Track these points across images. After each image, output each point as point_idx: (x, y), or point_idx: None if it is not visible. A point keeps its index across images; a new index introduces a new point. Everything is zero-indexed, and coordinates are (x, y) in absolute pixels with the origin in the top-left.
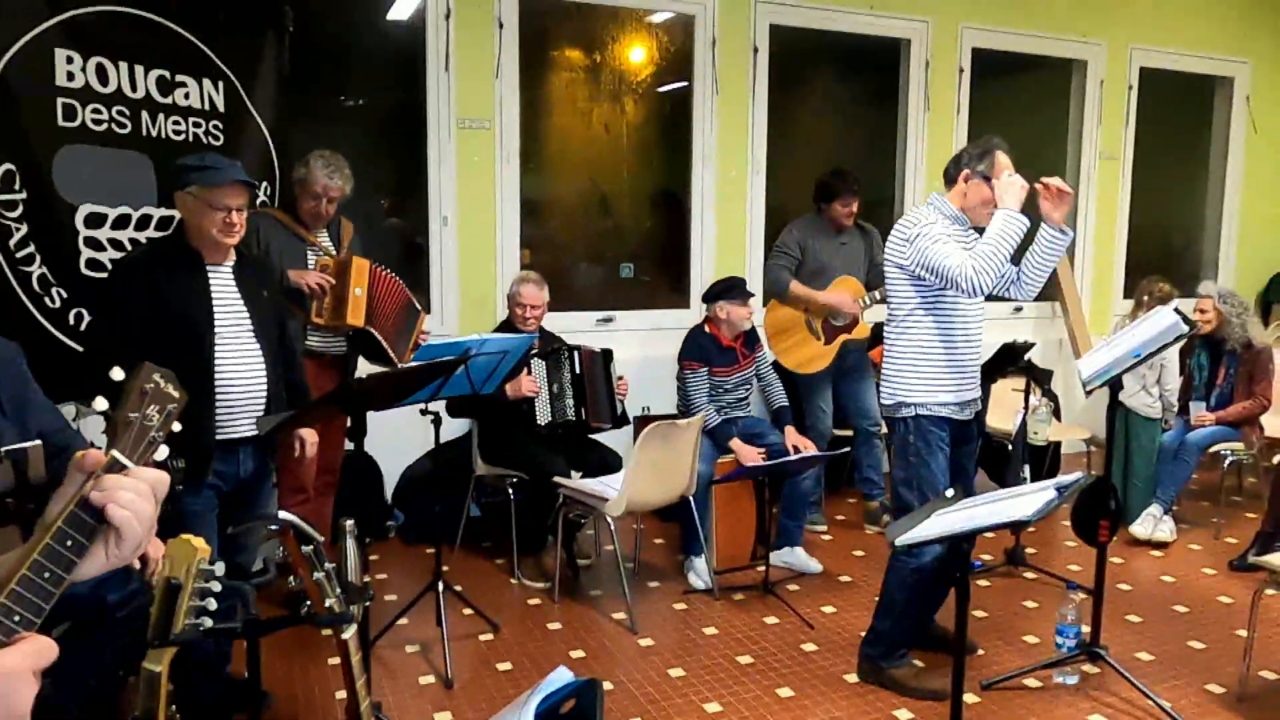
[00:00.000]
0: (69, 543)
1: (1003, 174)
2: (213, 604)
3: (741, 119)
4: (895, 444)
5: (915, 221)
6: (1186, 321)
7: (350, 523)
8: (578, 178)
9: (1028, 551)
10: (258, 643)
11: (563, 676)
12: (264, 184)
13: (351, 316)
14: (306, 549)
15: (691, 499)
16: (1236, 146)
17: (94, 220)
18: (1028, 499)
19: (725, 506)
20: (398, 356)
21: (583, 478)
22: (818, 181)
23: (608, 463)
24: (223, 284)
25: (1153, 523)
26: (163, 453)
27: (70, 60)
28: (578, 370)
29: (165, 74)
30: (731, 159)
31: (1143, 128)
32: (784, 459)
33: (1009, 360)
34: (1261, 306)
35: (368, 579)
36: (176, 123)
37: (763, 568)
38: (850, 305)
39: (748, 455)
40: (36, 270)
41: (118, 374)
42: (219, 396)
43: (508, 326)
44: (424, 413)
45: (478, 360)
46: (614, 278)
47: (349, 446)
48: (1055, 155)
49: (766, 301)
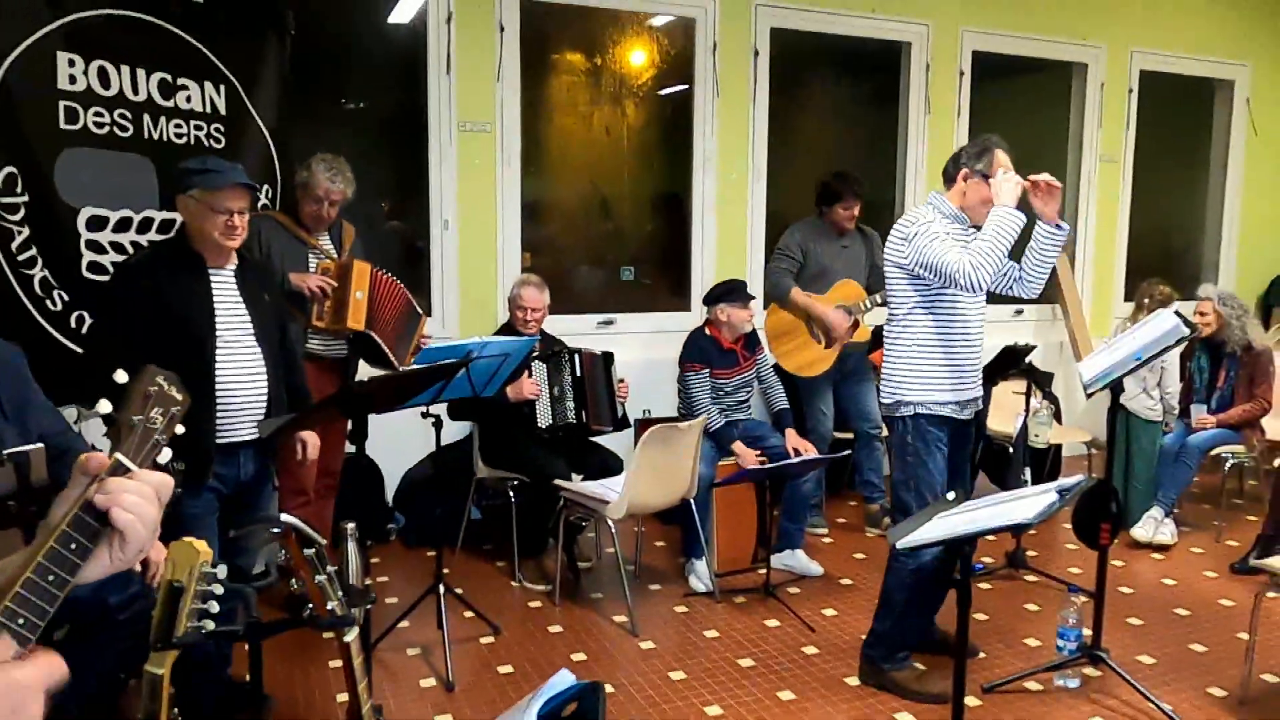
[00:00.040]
0: (73, 546)
1: (999, 172)
2: (215, 607)
3: (742, 122)
4: (894, 444)
5: (914, 220)
6: (1187, 324)
7: (351, 525)
8: (578, 181)
9: (1029, 554)
10: (259, 645)
11: (565, 680)
12: (265, 187)
13: (352, 320)
14: (308, 552)
15: (692, 501)
16: (1237, 149)
17: (96, 223)
18: (1029, 502)
19: (726, 509)
20: (398, 360)
21: (584, 480)
22: (820, 184)
23: (609, 465)
24: (224, 287)
25: (1154, 525)
26: (166, 455)
27: (72, 63)
28: (578, 373)
29: (167, 77)
30: (732, 162)
31: (1143, 130)
32: (785, 462)
33: (1010, 363)
34: (1262, 309)
35: (369, 582)
36: (178, 126)
37: (764, 570)
38: (843, 330)
39: (748, 459)
40: (38, 273)
41: (121, 377)
42: (220, 400)
43: (509, 329)
44: (425, 415)
45: (479, 363)
46: (615, 280)
47: (350, 449)
48: (1055, 158)
49: (767, 305)
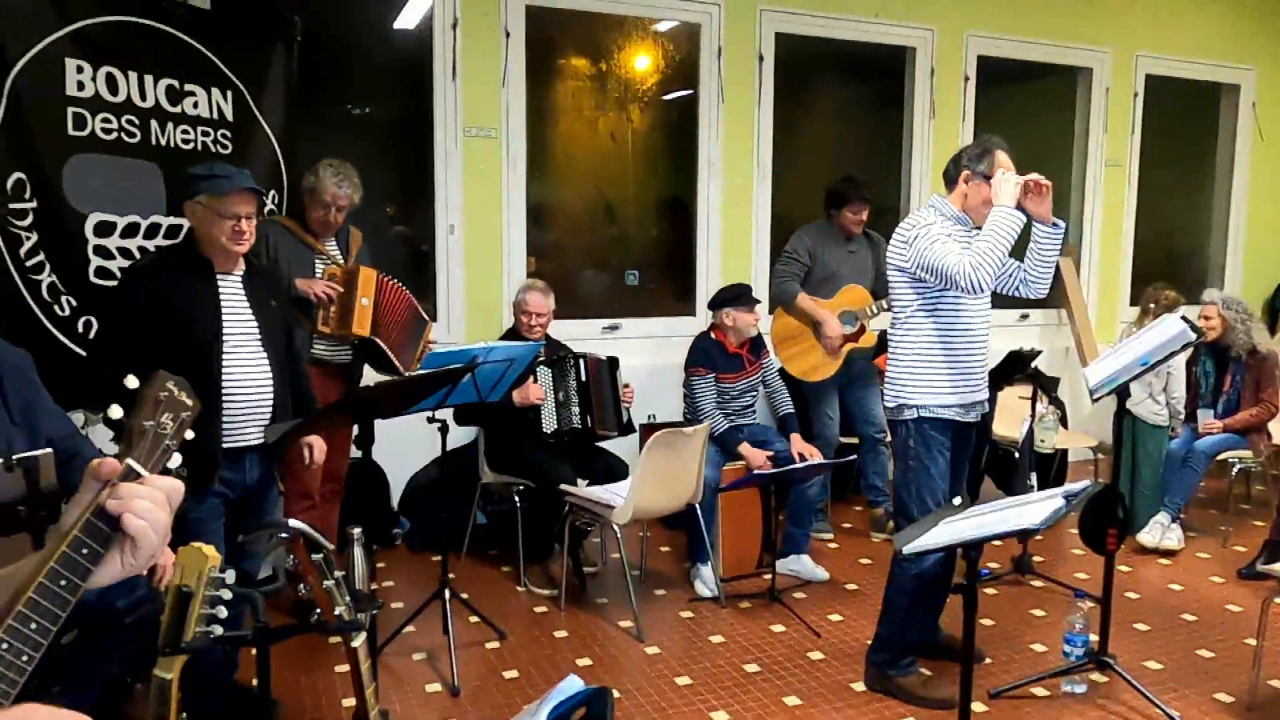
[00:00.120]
0: (85, 551)
1: (997, 172)
2: (223, 612)
3: (747, 127)
4: (896, 447)
5: (915, 223)
6: (1194, 329)
7: (358, 531)
8: (584, 185)
9: (1035, 559)
10: (268, 650)
11: (573, 685)
12: (272, 192)
13: (357, 326)
14: (316, 557)
15: (698, 507)
16: (1243, 153)
17: (103, 229)
18: (1036, 507)
19: (731, 514)
20: (403, 366)
21: (589, 485)
22: (828, 188)
23: (614, 470)
24: (232, 292)
25: (1160, 530)
26: (176, 460)
27: (80, 70)
28: (583, 378)
29: (174, 83)
30: (737, 166)
31: (1148, 135)
32: (790, 466)
33: (1016, 368)
34: (1268, 313)
35: (375, 587)
36: (185, 132)
37: (769, 575)
38: (836, 340)
39: (756, 459)
40: (46, 279)
41: (133, 382)
42: (226, 404)
43: (514, 334)
44: (431, 420)
45: (485, 368)
46: (620, 285)
47: (356, 454)
48: (1061, 163)
49: (773, 308)
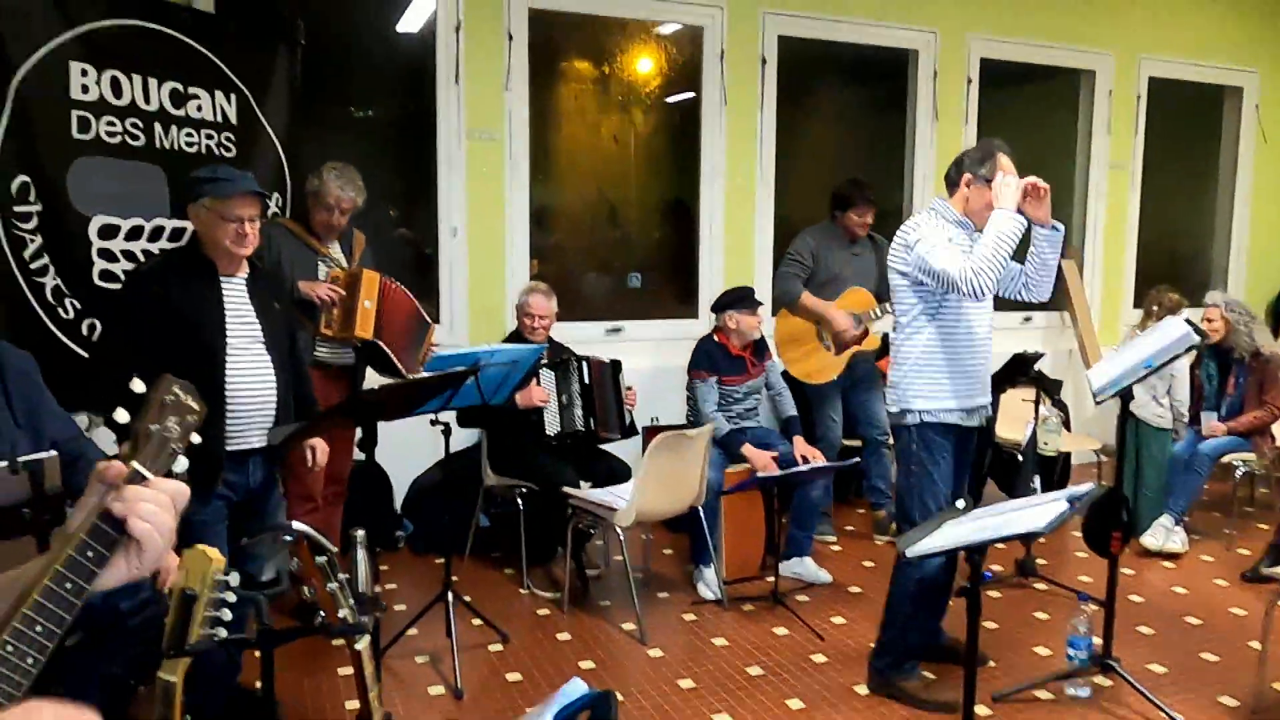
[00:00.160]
0: (90, 554)
1: (998, 175)
2: (227, 614)
3: (750, 129)
4: (899, 451)
5: (916, 227)
6: (1198, 332)
7: (361, 533)
8: (586, 188)
9: (1038, 562)
10: (272, 653)
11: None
12: (276, 195)
13: (360, 329)
14: (320, 560)
15: (701, 509)
16: (1246, 156)
17: (107, 232)
18: (1040, 510)
19: (734, 517)
20: (406, 369)
21: (592, 488)
22: (834, 190)
23: (617, 473)
24: (236, 295)
25: (1164, 534)
26: (182, 464)
27: (85, 73)
28: (586, 381)
29: (178, 86)
30: (739, 169)
31: (1152, 137)
32: (794, 469)
33: (1019, 370)
34: (1272, 316)
35: (378, 589)
36: (189, 135)
37: (772, 578)
38: (850, 330)
39: (761, 460)
40: (50, 281)
41: (139, 386)
42: (230, 407)
43: (517, 337)
44: (434, 423)
45: (488, 371)
46: (622, 288)
47: (359, 456)
48: (1064, 165)
49: (776, 310)
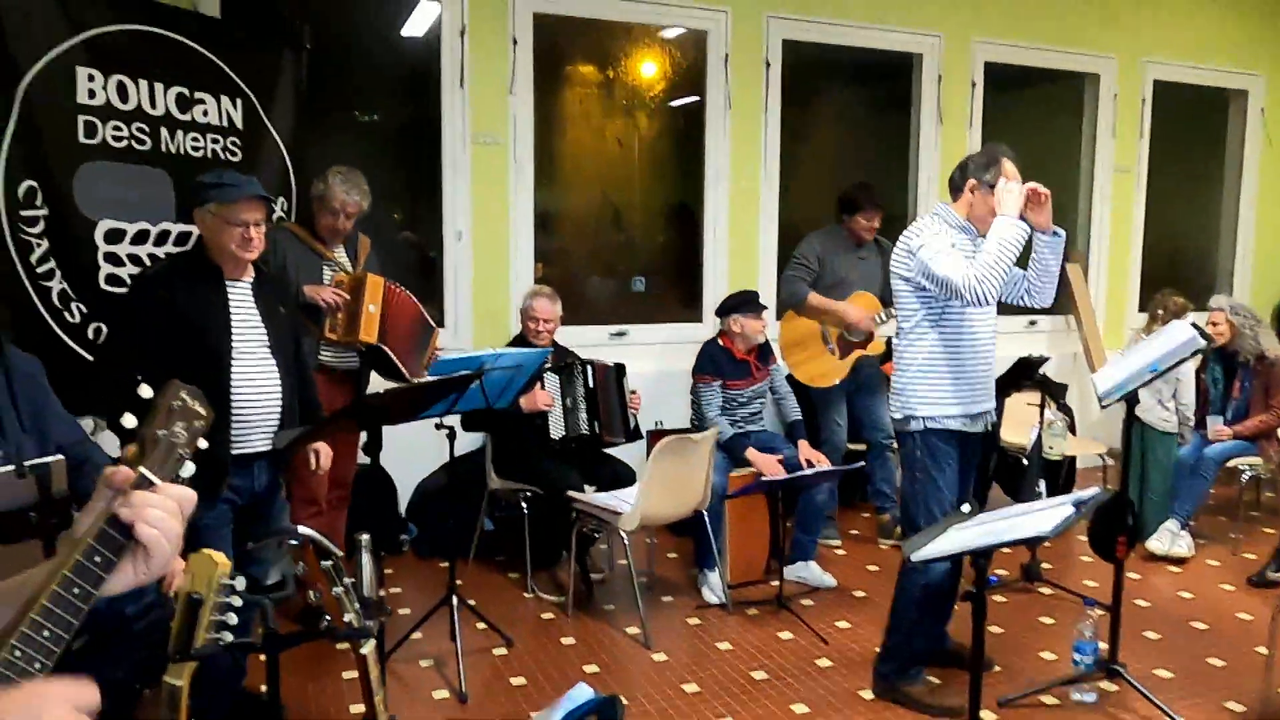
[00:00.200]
0: (97, 559)
1: (1001, 181)
2: (233, 619)
3: (754, 133)
4: (904, 458)
5: (919, 232)
6: (1203, 335)
7: (366, 537)
8: (591, 192)
9: (1044, 567)
10: (277, 657)
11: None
12: (281, 199)
13: (364, 333)
14: (326, 564)
15: (705, 513)
16: (1251, 159)
17: (113, 236)
18: (1046, 514)
19: (739, 521)
20: (410, 373)
21: (596, 492)
22: (841, 193)
23: (621, 477)
24: (241, 299)
25: (1170, 538)
26: (189, 469)
27: (91, 78)
28: (590, 384)
29: (184, 91)
30: (744, 173)
31: (1156, 141)
32: (799, 473)
33: (1024, 374)
34: (1277, 319)
35: (383, 593)
36: (195, 139)
37: (776, 582)
38: (866, 321)
39: (766, 464)
40: (57, 285)
41: (146, 391)
42: (235, 411)
43: (521, 341)
44: (439, 427)
45: (492, 375)
46: (627, 292)
47: (364, 460)
48: (1068, 168)
49: (781, 313)
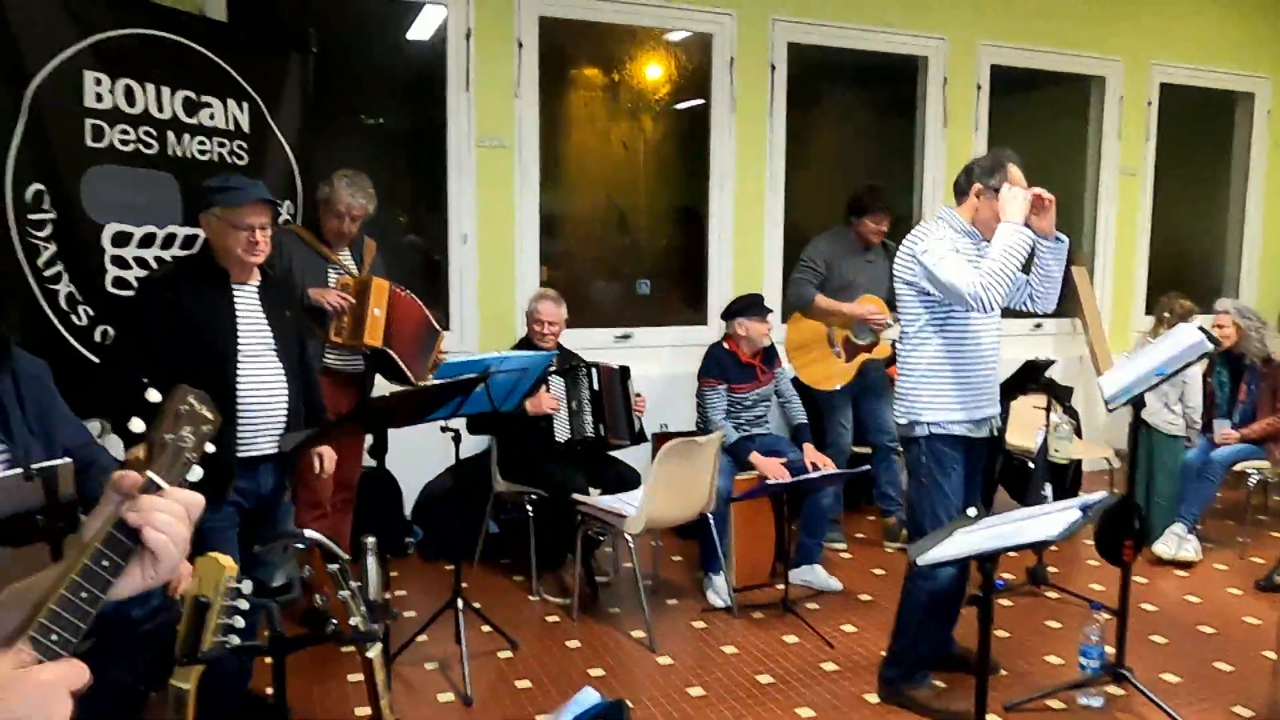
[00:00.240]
0: (105, 563)
1: (1005, 187)
2: (240, 622)
3: (759, 136)
4: (909, 464)
5: (923, 236)
6: (1211, 339)
7: (372, 540)
8: (596, 195)
9: (1050, 570)
10: (284, 660)
11: (589, 698)
12: (287, 202)
13: (369, 336)
14: (332, 567)
15: (710, 516)
16: (1258, 162)
17: (120, 239)
18: (1052, 518)
19: (744, 524)
20: (415, 376)
21: (601, 495)
22: (851, 196)
23: (626, 480)
24: (247, 302)
25: (1176, 542)
26: (196, 474)
27: (99, 82)
28: (596, 387)
29: (191, 95)
30: (749, 176)
31: (1163, 143)
32: (804, 476)
33: (1030, 377)
34: None
35: (388, 596)
36: (202, 143)
37: (782, 586)
38: (875, 316)
39: (770, 468)
40: (64, 288)
41: (154, 395)
42: (241, 414)
43: (526, 343)
44: (444, 429)
45: (498, 378)
46: (632, 294)
47: (370, 463)
48: (1074, 171)
49: (788, 315)
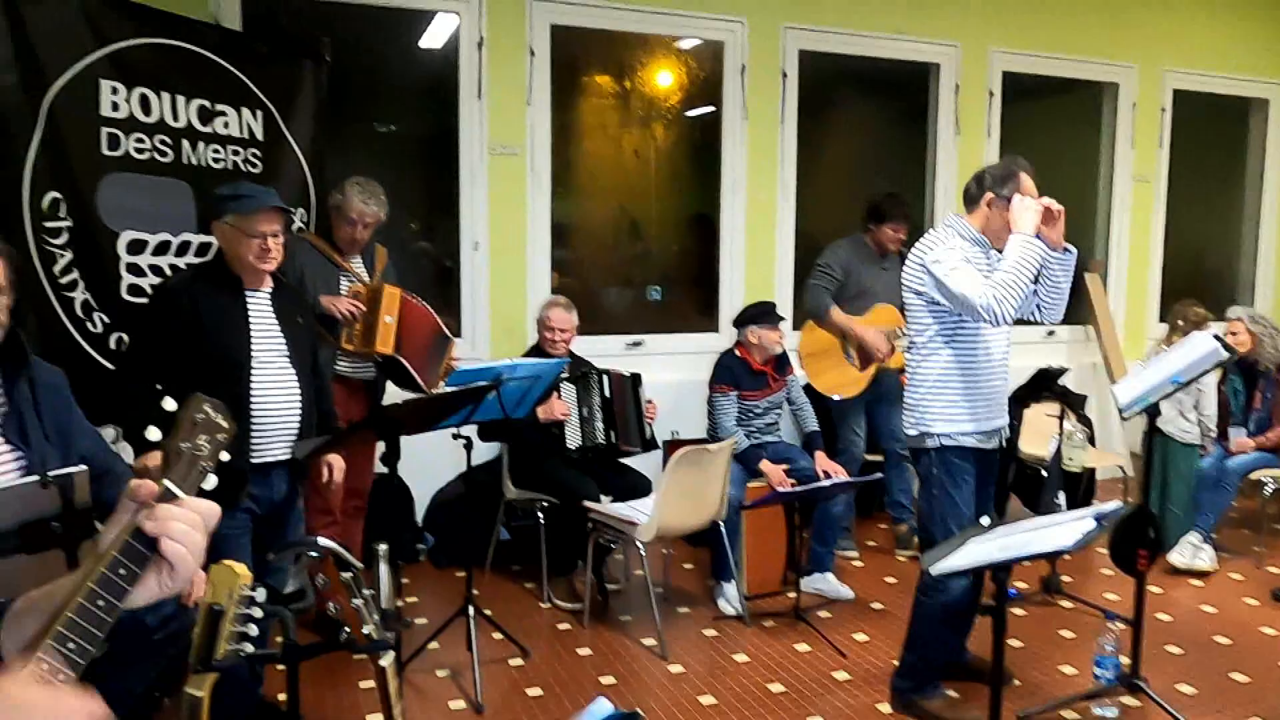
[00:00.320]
0: (122, 571)
1: (1016, 197)
2: (254, 630)
3: (770, 143)
4: (920, 475)
5: (932, 245)
6: (1226, 348)
7: (384, 547)
8: (607, 202)
9: (1064, 580)
10: (297, 668)
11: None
12: (301, 210)
13: (380, 344)
14: (345, 576)
15: (722, 524)
16: (1272, 169)
17: (135, 247)
18: (1066, 528)
19: (755, 532)
20: (426, 384)
21: (612, 502)
22: (869, 202)
23: (637, 487)
24: (260, 309)
25: (1192, 551)
26: (211, 482)
27: (115, 91)
28: (607, 394)
29: (206, 103)
30: (760, 183)
31: (1177, 150)
32: (816, 484)
33: (1043, 385)
34: None
35: (400, 603)
36: (216, 151)
37: (794, 594)
38: (884, 347)
39: (774, 475)
40: (80, 296)
41: (170, 404)
42: (255, 420)
43: (537, 350)
44: (456, 436)
45: (509, 385)
46: (643, 301)
47: (382, 470)
48: (1087, 178)
49: (802, 322)
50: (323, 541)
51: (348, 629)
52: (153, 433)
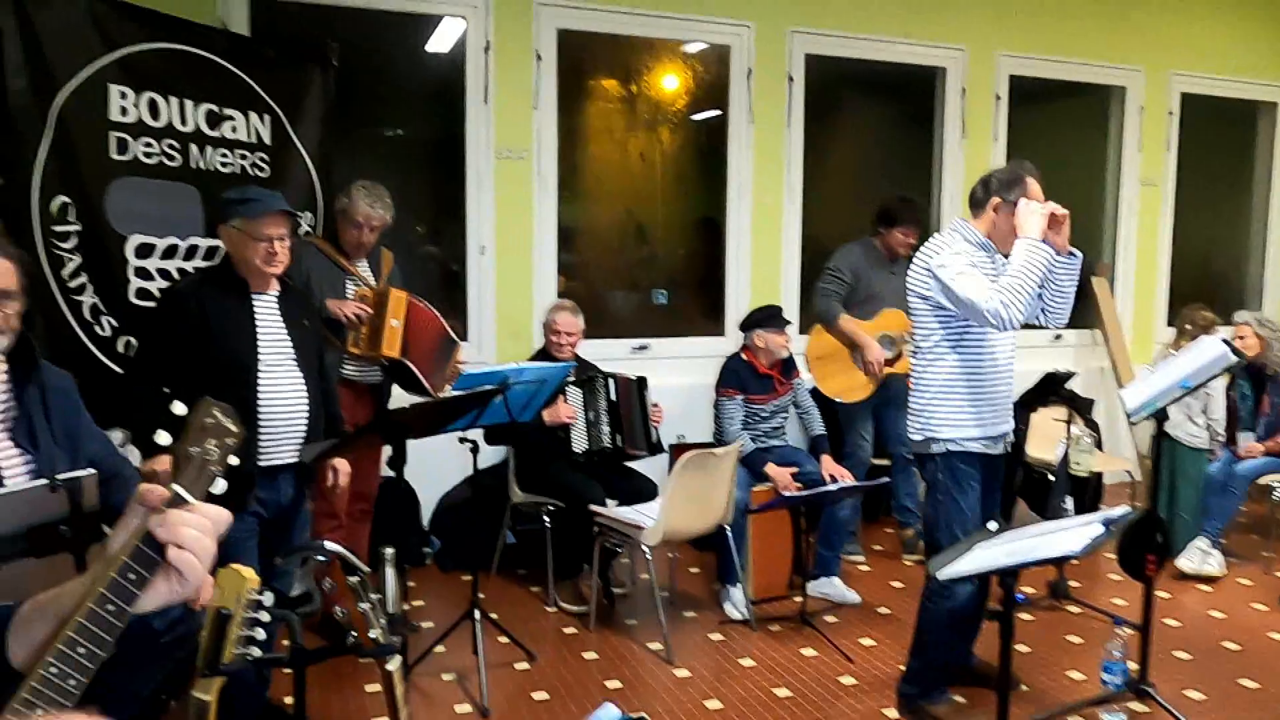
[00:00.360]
0: (132, 576)
1: (1022, 202)
2: (261, 634)
3: (777, 147)
4: (926, 480)
5: (938, 250)
6: (1235, 352)
7: (391, 551)
8: (614, 206)
9: (1071, 585)
10: (304, 672)
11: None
12: (308, 214)
13: (387, 347)
14: (352, 580)
15: (728, 528)
16: None
17: (143, 250)
18: (1074, 533)
19: (761, 536)
20: (432, 388)
21: (618, 506)
22: (880, 206)
23: (643, 491)
24: (267, 312)
25: (1200, 556)
26: (220, 486)
27: (124, 95)
28: (613, 398)
29: (214, 108)
30: (767, 187)
31: (1184, 154)
32: (822, 488)
33: (1050, 389)
34: None
35: (406, 607)
36: (224, 155)
37: (800, 598)
38: (879, 362)
39: (780, 479)
40: (88, 300)
41: (180, 409)
42: (262, 423)
43: (544, 354)
44: (462, 440)
45: (515, 389)
46: (649, 305)
47: (389, 473)
48: (1094, 181)
49: (808, 326)
50: (329, 545)
51: (354, 633)
52: (162, 437)
